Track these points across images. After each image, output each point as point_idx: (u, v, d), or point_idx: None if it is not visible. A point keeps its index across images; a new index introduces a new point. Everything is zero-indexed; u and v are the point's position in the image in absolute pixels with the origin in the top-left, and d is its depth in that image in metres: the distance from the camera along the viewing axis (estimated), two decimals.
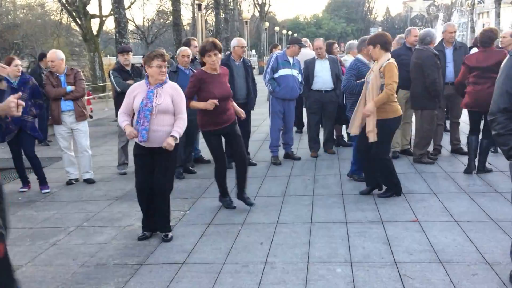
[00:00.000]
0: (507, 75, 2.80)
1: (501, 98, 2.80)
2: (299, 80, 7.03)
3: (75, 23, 24.13)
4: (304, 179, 6.19)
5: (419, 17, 62.86)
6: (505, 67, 2.85)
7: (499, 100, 2.81)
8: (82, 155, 6.69)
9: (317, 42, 7.36)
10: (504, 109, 2.78)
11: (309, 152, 7.49)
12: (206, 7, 31.81)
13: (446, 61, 6.62)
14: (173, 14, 18.02)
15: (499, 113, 2.80)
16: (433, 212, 4.77)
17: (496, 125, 2.81)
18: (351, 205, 5.14)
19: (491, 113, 2.85)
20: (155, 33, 33.29)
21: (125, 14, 12.85)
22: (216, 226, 4.78)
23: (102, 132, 11.29)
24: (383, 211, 4.88)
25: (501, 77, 2.85)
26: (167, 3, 30.24)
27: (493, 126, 2.84)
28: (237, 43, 6.76)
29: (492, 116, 2.84)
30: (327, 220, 4.73)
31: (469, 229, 4.28)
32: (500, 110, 2.79)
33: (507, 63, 2.85)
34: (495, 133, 2.83)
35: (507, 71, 2.80)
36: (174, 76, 6.36)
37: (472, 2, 31.65)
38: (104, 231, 4.83)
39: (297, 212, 5.02)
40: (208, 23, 36.59)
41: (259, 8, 45.19)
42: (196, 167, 7.08)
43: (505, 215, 4.54)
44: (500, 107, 2.80)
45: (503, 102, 2.79)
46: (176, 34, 17.07)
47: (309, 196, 5.52)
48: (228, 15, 27.16)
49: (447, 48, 6.63)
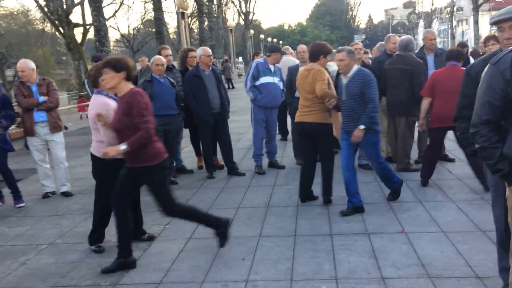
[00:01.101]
0: (488, 85, 2.64)
1: (483, 109, 2.64)
2: (280, 87, 6.89)
3: (58, 32, 23.80)
4: (288, 189, 6.02)
5: (400, 25, 63.50)
6: (485, 76, 2.69)
7: (481, 111, 2.65)
8: (58, 168, 6.45)
9: (300, 47, 7.23)
10: (486, 121, 2.61)
11: (294, 160, 7.33)
12: (190, 15, 31.67)
13: (428, 68, 6.53)
14: (156, 23, 17.83)
15: (481, 125, 2.64)
16: (420, 222, 4.63)
17: (479, 138, 2.64)
18: (336, 216, 4.97)
19: (473, 125, 2.68)
20: (141, 42, 33.04)
21: (105, 23, 12.66)
22: (197, 241, 4.58)
23: (85, 141, 10.93)
24: (369, 222, 4.72)
25: (482, 87, 2.69)
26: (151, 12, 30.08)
27: (476, 139, 2.67)
28: (203, 52, 6.63)
29: (474, 128, 2.67)
30: (311, 233, 4.56)
31: (457, 240, 4.14)
32: (483, 121, 2.63)
33: (488, 72, 2.69)
34: (478, 146, 2.66)
35: (488, 80, 2.64)
36: (149, 86, 6.18)
37: (451, 9, 31.99)
38: (78, 248, 4.60)
39: (280, 224, 4.84)
40: (194, 31, 36.43)
41: (243, 16, 45.20)
42: (178, 177, 6.87)
43: (493, 225, 4.37)
44: (482, 118, 2.63)
45: (485, 113, 2.62)
46: (159, 43, 16.88)
47: (294, 207, 5.35)
48: (213, 23, 27.02)
49: (428, 55, 6.55)
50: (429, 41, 6.52)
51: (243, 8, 44.78)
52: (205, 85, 6.45)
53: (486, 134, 2.60)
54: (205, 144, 6.83)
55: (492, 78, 2.60)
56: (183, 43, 15.64)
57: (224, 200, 5.78)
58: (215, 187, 6.39)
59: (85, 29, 24.83)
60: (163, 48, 7.32)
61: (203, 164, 7.15)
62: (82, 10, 26.01)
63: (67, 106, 18.31)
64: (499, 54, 2.63)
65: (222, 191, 6.17)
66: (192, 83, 6.52)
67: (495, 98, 2.56)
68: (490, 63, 2.65)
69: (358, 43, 6.74)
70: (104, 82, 3.85)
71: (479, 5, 29.78)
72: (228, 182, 6.61)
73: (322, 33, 73.53)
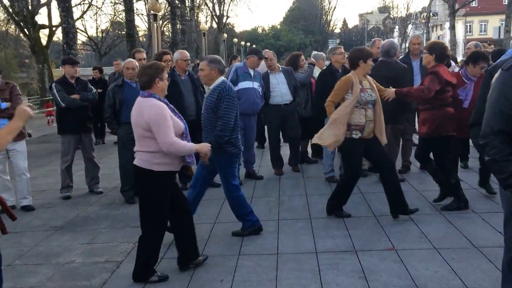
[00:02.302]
0: (500, 92, 2.39)
1: (494, 118, 2.39)
2: (260, 93, 6.56)
3: (23, 34, 22.91)
4: (268, 202, 5.69)
5: (375, 30, 64.15)
6: (496, 83, 2.44)
7: (492, 121, 2.39)
8: (19, 179, 5.95)
9: (267, 54, 6.90)
10: (498, 131, 2.36)
11: (272, 169, 7.01)
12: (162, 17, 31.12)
13: (414, 73, 6.31)
14: (127, 25, 17.26)
15: (492, 135, 2.38)
16: (410, 237, 4.36)
17: (489, 149, 2.38)
18: (320, 230, 4.67)
19: (483, 136, 2.42)
20: (109, 44, 32.22)
21: (74, 24, 12.10)
22: (170, 261, 4.19)
23: (46, 150, 10.35)
24: (356, 237, 4.43)
25: (493, 95, 2.43)
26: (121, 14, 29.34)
27: (486, 151, 2.41)
28: (180, 56, 6.23)
29: (485, 139, 2.41)
30: (295, 251, 4.23)
31: (451, 257, 3.88)
32: (494, 132, 2.37)
33: (499, 79, 2.44)
34: (488, 158, 2.41)
35: (500, 87, 2.39)
36: (119, 91, 5.77)
37: (427, 14, 32.39)
38: (38, 270, 4.16)
39: (261, 241, 4.50)
40: (165, 34, 35.82)
41: (217, 20, 44.80)
42: None
43: (486, 240, 4.18)
44: (494, 129, 2.38)
45: (497, 123, 2.37)
46: (130, 46, 16.33)
47: (274, 221, 5.02)
48: (185, 26, 26.54)
49: (414, 60, 6.33)
50: (413, 46, 6.31)
51: (217, 11, 44.40)
52: (181, 91, 6.07)
53: (498, 145, 2.35)
54: None
55: (505, 85, 2.35)
56: (154, 46, 15.19)
57: (199, 214, 5.36)
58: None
59: (51, 31, 23.93)
60: (137, 51, 6.88)
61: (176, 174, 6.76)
62: (48, 11, 25.14)
63: None
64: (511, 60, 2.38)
65: None
66: (167, 89, 6.12)
67: (508, 106, 2.32)
68: (502, 68, 2.40)
69: (340, 47, 6.47)
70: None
71: (456, 10, 30.18)
72: None
73: (297, 37, 73.63)
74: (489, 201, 5.26)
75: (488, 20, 53.07)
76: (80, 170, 7.05)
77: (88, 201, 6.20)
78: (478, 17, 53.11)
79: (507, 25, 21.92)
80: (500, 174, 2.38)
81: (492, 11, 50.96)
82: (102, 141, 10.68)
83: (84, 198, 6.33)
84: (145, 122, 3.57)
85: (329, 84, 6.10)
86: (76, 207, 5.95)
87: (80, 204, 6.08)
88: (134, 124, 3.71)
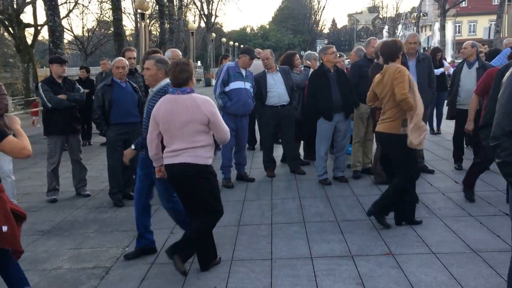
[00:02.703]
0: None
1: (506, 119, 2.30)
2: (252, 93, 6.43)
3: (8, 33, 22.48)
4: (260, 205, 5.56)
5: (364, 30, 64.30)
6: (508, 82, 2.35)
7: (504, 122, 2.30)
8: (4, 182, 5.71)
9: (264, 53, 6.76)
10: (510, 132, 2.28)
11: (264, 172, 6.89)
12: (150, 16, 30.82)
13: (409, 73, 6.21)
14: (114, 23, 16.98)
15: (504, 137, 2.29)
16: (407, 242, 4.27)
17: (501, 151, 2.30)
18: (314, 235, 4.55)
19: (494, 137, 2.34)
20: (96, 44, 31.80)
21: (61, 23, 11.85)
22: (161, 266, 4.05)
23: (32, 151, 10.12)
24: (351, 242, 4.33)
25: (505, 94, 2.35)
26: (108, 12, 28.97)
27: (497, 153, 2.32)
28: (172, 55, 5.51)
29: (496, 140, 2.32)
30: (289, 256, 4.12)
31: (450, 263, 3.79)
32: (506, 133, 2.29)
33: (511, 77, 2.36)
34: (499, 161, 2.32)
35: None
36: (108, 90, 5.60)
37: (417, 14, 32.47)
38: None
39: (255, 246, 4.37)
40: (152, 33, 35.49)
41: (205, 19, 44.51)
42: None
43: (485, 245, 4.10)
44: (505, 129, 2.29)
45: (509, 123, 2.28)
46: (118, 45, 16.07)
47: (267, 225, 4.90)
48: (173, 25, 26.28)
49: (410, 60, 6.24)
50: (409, 45, 6.20)
51: (205, 10, 44.12)
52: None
53: (510, 147, 2.26)
54: None
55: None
56: (141, 45, 14.97)
57: None
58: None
59: (36, 29, 23.50)
60: (127, 49, 6.69)
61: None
62: (33, 9, 24.64)
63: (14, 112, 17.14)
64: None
65: None
66: None
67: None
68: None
69: (332, 47, 6.34)
70: None
71: (446, 10, 30.25)
72: None
73: (285, 37, 73.54)
74: (485, 203, 5.19)
75: (477, 20, 53.27)
76: (67, 172, 6.86)
77: (75, 204, 6.02)
78: (468, 18, 53.33)
79: (498, 26, 21.90)
80: (511, 177, 2.30)
81: (481, 12, 51.15)
82: (89, 143, 10.46)
83: (71, 201, 6.15)
84: (205, 117, 3.62)
85: (321, 85, 5.98)
86: (63, 211, 5.77)
87: (67, 207, 5.90)
88: (186, 121, 3.61)
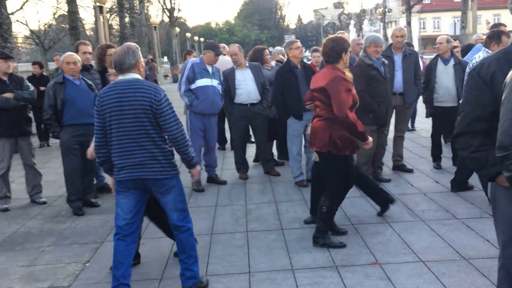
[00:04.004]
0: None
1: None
2: (220, 91, 6.03)
3: None
4: (234, 210, 5.18)
5: (330, 25, 64.49)
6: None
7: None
8: None
9: (232, 48, 6.33)
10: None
11: (236, 173, 6.51)
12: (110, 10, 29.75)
13: (395, 68, 5.94)
14: (70, 17, 16.08)
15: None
16: (393, 249, 3.99)
17: (511, 163, 1.98)
18: (294, 243, 4.22)
19: (501, 146, 2.00)
20: (53, 38, 30.48)
21: (8, 15, 11.05)
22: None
23: None
24: (334, 251, 4.01)
25: (511, 97, 2.02)
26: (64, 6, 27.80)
27: (506, 165, 2.00)
28: None
29: (503, 151, 1.99)
30: (269, 268, 3.76)
31: (441, 272, 3.53)
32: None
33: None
34: (509, 174, 2.00)
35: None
36: (61, 89, 5.09)
37: (383, 10, 32.70)
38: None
39: (230, 258, 4.00)
40: (114, 28, 34.38)
41: (168, 13, 43.51)
42: (100, 197, 5.81)
43: (475, 251, 3.86)
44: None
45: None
46: (74, 39, 15.29)
47: (243, 233, 4.53)
48: (135, 20, 25.45)
49: (396, 54, 5.98)
50: (395, 38, 5.94)
51: (168, 4, 43.12)
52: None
53: None
54: None
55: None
56: (101, 40, 14.25)
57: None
58: None
59: None
60: (81, 43, 6.09)
61: None
62: None
63: None
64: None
65: None
66: None
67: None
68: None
69: (297, 41, 5.95)
70: None
71: (411, 6, 30.56)
72: None
73: (251, 32, 72.99)
74: (468, 204, 4.98)
75: (441, 17, 54.98)
76: (20, 177, 6.30)
77: (29, 213, 5.47)
78: (432, 14, 54.90)
79: (463, 21, 22.25)
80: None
81: (445, 8, 52.88)
82: (47, 144, 9.83)
83: (24, 210, 5.59)
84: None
85: (289, 83, 5.67)
86: (15, 221, 5.23)
87: (20, 217, 5.35)
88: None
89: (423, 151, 7.51)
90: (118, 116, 3.12)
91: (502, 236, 2.29)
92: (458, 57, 6.39)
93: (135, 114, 3.09)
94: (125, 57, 3.18)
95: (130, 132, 3.13)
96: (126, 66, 3.18)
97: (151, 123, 3.12)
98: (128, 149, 3.15)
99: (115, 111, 3.12)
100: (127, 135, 3.13)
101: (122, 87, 3.14)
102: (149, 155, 3.15)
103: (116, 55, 3.22)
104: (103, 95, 3.18)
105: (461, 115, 2.35)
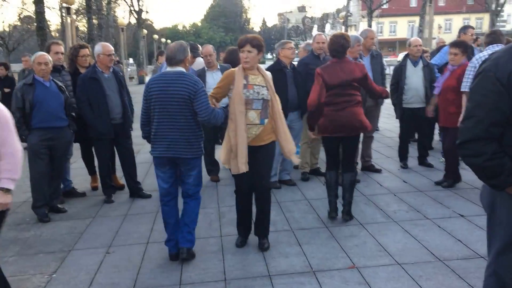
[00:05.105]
0: None
1: None
2: None
3: None
4: (207, 214, 5.07)
5: (294, 29, 65.00)
6: None
7: None
8: None
9: (206, 48, 6.21)
10: None
11: (207, 176, 6.39)
12: (77, 11, 29.11)
13: None
14: (37, 17, 15.61)
15: None
16: (369, 252, 3.96)
17: None
18: (270, 248, 4.14)
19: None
20: (18, 39, 29.62)
21: None
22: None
23: None
24: (311, 255, 3.96)
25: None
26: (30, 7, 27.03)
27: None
28: (102, 49, 5.35)
29: None
30: (245, 275, 3.67)
31: (418, 275, 3.52)
32: None
33: None
34: None
35: None
36: (30, 91, 4.88)
37: (345, 14, 33.13)
38: None
39: (204, 264, 3.89)
40: (80, 29, 33.62)
41: (135, 15, 42.88)
42: (67, 203, 5.59)
43: (449, 252, 3.88)
44: None
45: None
46: (41, 40, 14.81)
47: (217, 238, 4.43)
48: (102, 21, 24.93)
49: (364, 56, 6.02)
50: (370, 41, 6.01)
51: (135, 6, 42.47)
52: (104, 90, 5.30)
53: None
54: (102, 162, 5.63)
55: None
56: (68, 41, 13.86)
57: (129, 233, 4.67)
58: (115, 214, 5.24)
59: None
60: (54, 43, 5.82)
61: (98, 184, 5.98)
62: None
63: None
64: None
65: (125, 220, 5.04)
66: (87, 88, 5.30)
67: None
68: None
69: (291, 42, 5.89)
70: None
71: (373, 10, 31.10)
72: (131, 207, 5.48)
73: (217, 34, 72.83)
74: (438, 204, 5.03)
75: (397, 21, 56.39)
76: None
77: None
78: (389, 18, 56.20)
79: (421, 25, 23.29)
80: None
81: (401, 13, 54.31)
82: None
83: None
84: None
85: (278, 82, 5.61)
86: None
87: None
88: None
89: (388, 151, 7.60)
90: (162, 101, 3.69)
91: (498, 243, 2.18)
92: (426, 59, 6.49)
93: (177, 101, 3.64)
94: (176, 53, 3.74)
95: (169, 116, 3.69)
96: (175, 61, 3.75)
97: (189, 110, 3.68)
98: (165, 130, 3.73)
99: (160, 96, 3.69)
100: (167, 118, 3.70)
101: (169, 78, 3.71)
102: (183, 137, 3.71)
103: (169, 50, 3.77)
104: (152, 82, 3.76)
105: (473, 120, 2.10)
